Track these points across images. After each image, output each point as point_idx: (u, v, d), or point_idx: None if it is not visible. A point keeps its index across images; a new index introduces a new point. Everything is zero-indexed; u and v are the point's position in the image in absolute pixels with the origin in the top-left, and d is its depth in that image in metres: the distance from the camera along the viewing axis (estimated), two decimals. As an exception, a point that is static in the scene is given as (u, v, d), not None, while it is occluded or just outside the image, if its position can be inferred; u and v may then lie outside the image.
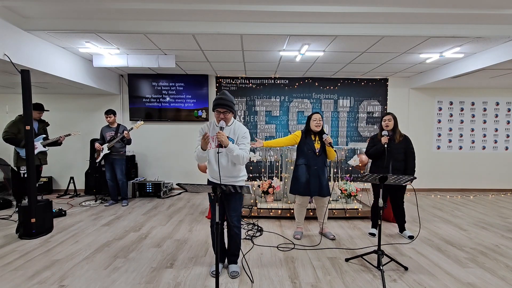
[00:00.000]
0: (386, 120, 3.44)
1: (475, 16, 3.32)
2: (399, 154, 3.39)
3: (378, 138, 3.48)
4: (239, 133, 2.48)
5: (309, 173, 3.32)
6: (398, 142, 3.39)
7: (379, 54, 4.54)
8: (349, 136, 6.39)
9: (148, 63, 4.71)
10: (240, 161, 2.40)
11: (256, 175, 6.10)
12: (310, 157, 3.32)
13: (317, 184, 3.31)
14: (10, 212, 4.49)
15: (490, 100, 6.43)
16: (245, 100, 6.28)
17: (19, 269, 2.64)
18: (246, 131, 2.52)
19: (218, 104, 2.38)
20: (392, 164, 3.39)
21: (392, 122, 3.42)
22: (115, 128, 4.95)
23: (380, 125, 3.52)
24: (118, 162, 4.96)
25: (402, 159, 3.40)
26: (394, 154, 3.38)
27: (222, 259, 2.69)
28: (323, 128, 3.39)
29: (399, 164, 3.39)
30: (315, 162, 3.31)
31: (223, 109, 2.38)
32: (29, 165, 3.40)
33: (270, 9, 3.18)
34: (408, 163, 3.40)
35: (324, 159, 3.39)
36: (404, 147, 3.41)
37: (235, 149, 2.34)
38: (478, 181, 6.50)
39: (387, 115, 3.46)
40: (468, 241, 3.44)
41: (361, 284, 2.42)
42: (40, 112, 4.43)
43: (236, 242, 2.60)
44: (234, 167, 2.50)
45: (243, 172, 2.59)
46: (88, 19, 3.46)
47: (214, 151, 2.44)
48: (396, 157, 3.38)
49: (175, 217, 4.34)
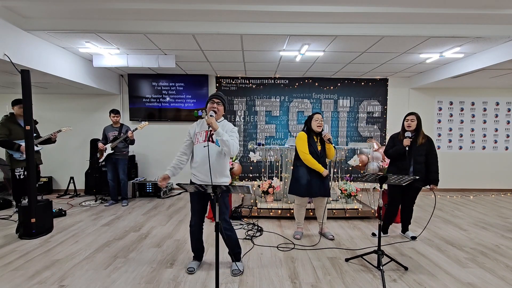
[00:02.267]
0: (409, 120, 3.26)
1: (475, 16, 3.32)
2: (421, 157, 3.22)
3: (400, 138, 3.32)
4: (227, 128, 2.55)
5: (311, 175, 3.29)
6: (420, 144, 3.22)
7: (379, 54, 4.54)
8: (349, 136, 6.39)
9: (148, 63, 4.71)
10: (231, 148, 2.37)
11: (256, 175, 6.10)
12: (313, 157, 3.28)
13: (320, 185, 3.29)
14: (10, 212, 4.49)
15: (490, 100, 6.43)
16: (245, 100, 6.28)
17: (19, 269, 2.64)
18: (234, 128, 2.58)
19: (213, 95, 2.57)
20: (413, 166, 3.23)
21: (415, 123, 3.23)
22: (118, 128, 4.95)
23: (402, 125, 3.35)
24: (121, 162, 4.95)
25: (423, 161, 3.24)
26: (415, 156, 3.21)
27: (199, 257, 2.77)
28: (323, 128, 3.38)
29: (420, 166, 3.22)
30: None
31: (217, 99, 2.54)
32: (29, 165, 3.40)
33: (270, 9, 3.19)
34: (432, 165, 3.25)
35: (325, 159, 3.38)
36: (427, 149, 3.24)
37: (224, 134, 2.36)
38: (478, 181, 6.50)
39: (410, 115, 3.27)
40: (468, 241, 3.44)
41: (361, 284, 2.42)
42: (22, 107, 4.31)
43: (231, 240, 2.60)
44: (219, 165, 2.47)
45: (227, 172, 2.61)
46: (88, 19, 3.46)
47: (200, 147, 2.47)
48: (417, 159, 3.21)
49: (175, 217, 4.34)
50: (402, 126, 3.37)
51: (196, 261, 2.73)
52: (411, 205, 3.46)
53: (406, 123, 3.30)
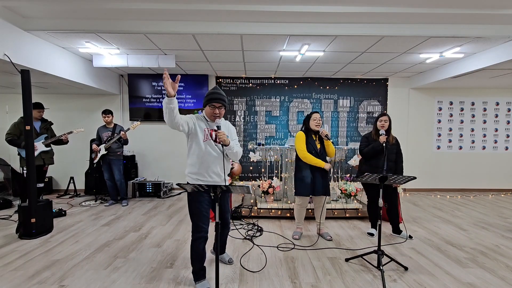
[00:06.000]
0: (383, 120, 3.42)
1: (475, 16, 3.32)
2: (392, 155, 3.44)
3: (373, 137, 3.47)
4: (231, 129, 2.49)
5: (314, 173, 3.32)
6: (391, 144, 3.43)
7: (379, 54, 4.54)
8: (349, 136, 6.39)
9: (148, 63, 4.71)
10: (238, 157, 2.44)
11: (256, 175, 6.10)
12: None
13: (323, 184, 3.34)
14: (10, 212, 4.49)
15: (490, 100, 6.43)
16: (245, 100, 6.28)
17: (19, 269, 2.64)
18: (234, 130, 2.56)
19: (214, 98, 2.24)
20: (386, 164, 3.37)
21: (388, 123, 3.42)
22: (112, 129, 4.95)
23: (375, 125, 3.50)
24: (116, 163, 4.95)
25: (394, 160, 3.46)
26: (389, 154, 3.39)
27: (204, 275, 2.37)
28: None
29: (392, 164, 3.43)
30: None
31: (218, 103, 2.26)
32: (29, 165, 3.40)
33: (270, 9, 3.19)
34: (398, 164, 3.47)
35: (325, 158, 3.39)
36: (397, 148, 3.48)
37: (235, 146, 2.36)
38: (478, 181, 6.50)
39: (384, 116, 3.45)
40: (468, 241, 3.44)
41: (361, 284, 2.42)
42: (41, 111, 4.41)
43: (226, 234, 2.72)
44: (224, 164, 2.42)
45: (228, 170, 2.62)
46: (88, 19, 3.45)
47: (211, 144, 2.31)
48: (389, 158, 3.40)
49: (175, 217, 4.34)
50: (375, 126, 3.51)
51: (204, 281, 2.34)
52: (394, 204, 3.54)
53: (379, 123, 3.43)
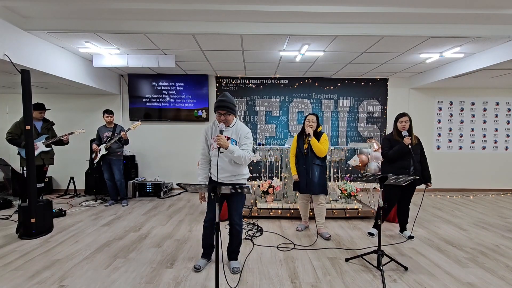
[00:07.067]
0: (403, 121, 3.30)
1: (475, 16, 3.32)
2: (417, 155, 3.31)
3: (395, 138, 3.35)
4: (241, 133, 2.52)
5: (308, 173, 3.43)
6: (414, 144, 3.29)
7: (379, 54, 4.54)
8: (349, 136, 6.39)
9: (148, 63, 4.71)
10: (242, 162, 2.45)
11: (256, 175, 6.10)
12: (300, 157, 3.51)
13: (306, 182, 3.43)
14: (10, 212, 4.49)
15: (490, 100, 6.43)
16: (245, 100, 6.28)
17: (19, 269, 2.64)
18: (248, 132, 2.55)
19: (218, 106, 2.43)
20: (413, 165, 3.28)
21: (409, 123, 3.30)
22: (112, 129, 4.95)
23: (396, 126, 3.38)
24: (116, 163, 4.95)
25: (419, 160, 3.33)
26: (414, 155, 3.27)
27: (208, 255, 2.76)
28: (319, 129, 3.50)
29: (418, 165, 3.29)
30: (303, 162, 3.46)
31: (223, 111, 2.43)
32: (29, 165, 3.40)
33: (270, 9, 3.18)
34: (425, 163, 3.37)
35: (313, 157, 3.41)
36: (420, 148, 3.37)
37: (236, 150, 2.37)
38: (478, 181, 6.50)
39: (404, 116, 3.32)
40: (468, 241, 3.44)
41: (361, 284, 2.42)
42: (42, 112, 4.41)
43: (237, 239, 2.68)
44: (235, 166, 2.53)
45: (245, 171, 2.63)
46: (88, 19, 3.45)
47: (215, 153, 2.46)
48: (416, 159, 3.27)
49: (175, 217, 4.34)
50: (395, 127, 3.39)
51: (204, 260, 2.72)
52: (408, 204, 3.52)
53: (400, 125, 3.33)
